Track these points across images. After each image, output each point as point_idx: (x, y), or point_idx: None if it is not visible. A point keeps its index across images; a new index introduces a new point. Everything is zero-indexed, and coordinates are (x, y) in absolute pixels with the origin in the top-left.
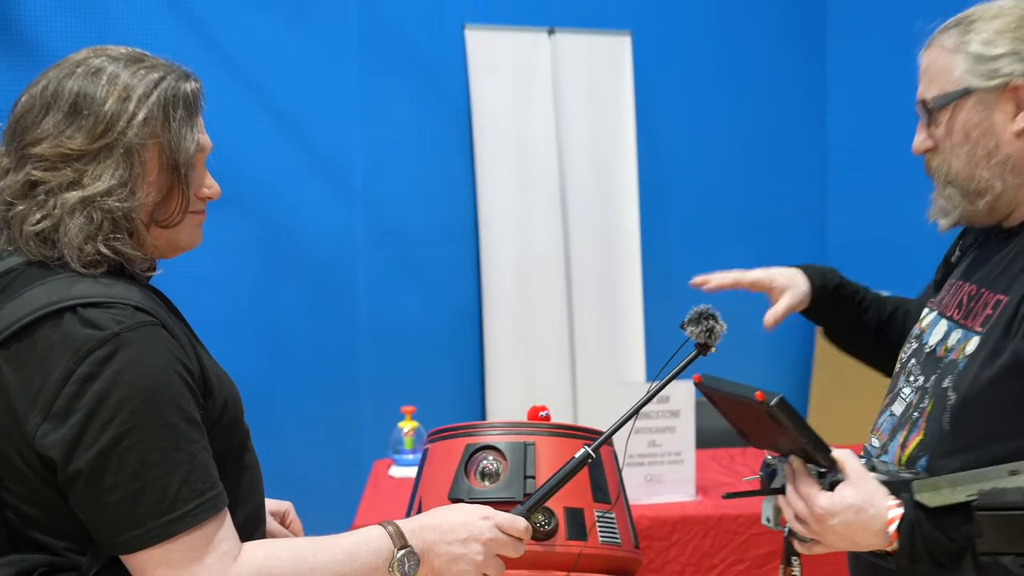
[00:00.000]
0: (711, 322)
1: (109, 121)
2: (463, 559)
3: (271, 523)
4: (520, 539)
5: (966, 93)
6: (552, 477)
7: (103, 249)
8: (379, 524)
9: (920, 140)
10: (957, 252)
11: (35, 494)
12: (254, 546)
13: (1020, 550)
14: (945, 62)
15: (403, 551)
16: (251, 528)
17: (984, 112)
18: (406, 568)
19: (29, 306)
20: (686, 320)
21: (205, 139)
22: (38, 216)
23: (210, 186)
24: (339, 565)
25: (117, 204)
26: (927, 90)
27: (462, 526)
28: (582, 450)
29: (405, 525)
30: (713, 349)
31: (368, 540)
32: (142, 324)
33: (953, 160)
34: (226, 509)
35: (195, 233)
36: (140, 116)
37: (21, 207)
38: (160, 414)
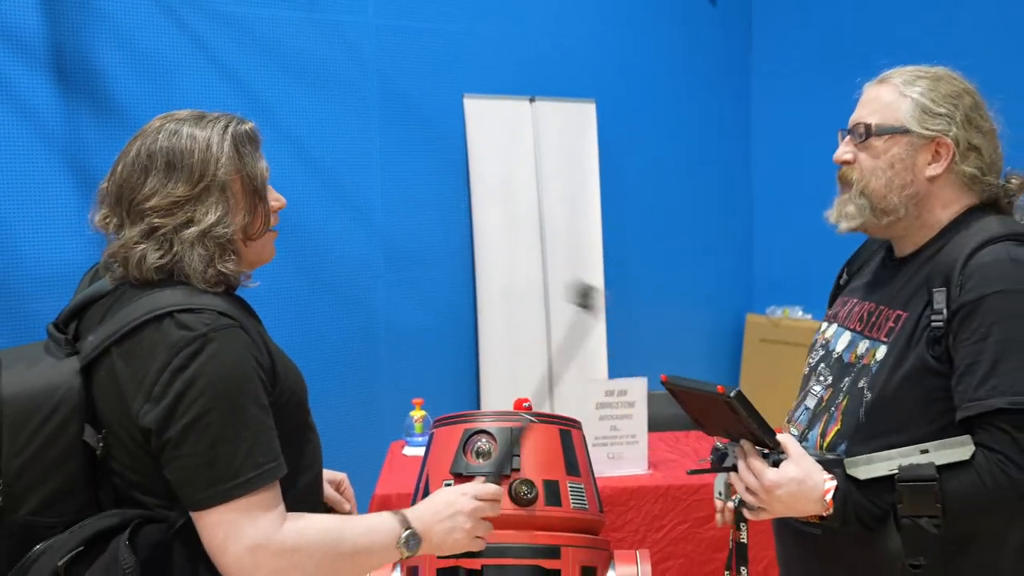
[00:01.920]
0: (588, 291)
1: (202, 168)
2: (455, 530)
3: (328, 490)
4: (496, 500)
5: (905, 131)
6: (500, 449)
7: (221, 270)
8: (390, 512)
9: (843, 151)
10: (845, 276)
11: (136, 462)
12: (297, 516)
13: (933, 513)
14: (894, 100)
15: (407, 532)
16: (312, 491)
17: (911, 152)
18: (411, 545)
19: (137, 312)
20: (571, 296)
21: (265, 163)
22: (158, 254)
23: (277, 198)
24: (361, 538)
25: (223, 231)
26: (871, 116)
27: (446, 505)
28: (522, 421)
29: (409, 512)
30: (591, 309)
31: (383, 522)
32: (225, 327)
33: (873, 179)
34: (278, 482)
35: (271, 247)
36: (223, 158)
37: (143, 247)
38: (234, 399)
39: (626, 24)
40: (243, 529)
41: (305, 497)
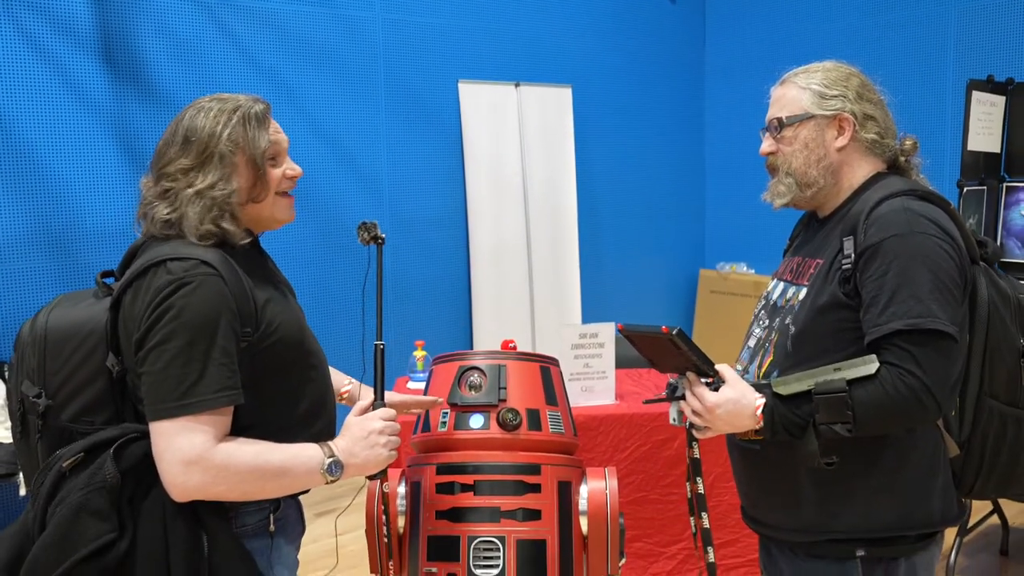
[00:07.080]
0: (371, 229)
1: (207, 143)
2: (372, 448)
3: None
4: (393, 418)
5: (810, 117)
6: (376, 377)
7: (211, 227)
8: (317, 443)
9: (767, 145)
10: (788, 243)
11: (139, 382)
12: (232, 439)
13: (844, 420)
14: (796, 95)
15: (331, 459)
16: (314, 415)
17: (819, 131)
18: (333, 471)
19: (146, 260)
20: (364, 238)
21: (279, 137)
22: (167, 209)
23: (292, 168)
24: (287, 461)
25: (219, 193)
26: (780, 111)
27: (360, 430)
28: (379, 344)
29: (332, 443)
30: (379, 241)
31: (307, 448)
32: (201, 274)
33: (793, 160)
34: (223, 410)
35: (288, 210)
36: (226, 133)
37: (156, 205)
38: (192, 334)
39: (598, 20)
40: (179, 444)
41: (308, 420)
